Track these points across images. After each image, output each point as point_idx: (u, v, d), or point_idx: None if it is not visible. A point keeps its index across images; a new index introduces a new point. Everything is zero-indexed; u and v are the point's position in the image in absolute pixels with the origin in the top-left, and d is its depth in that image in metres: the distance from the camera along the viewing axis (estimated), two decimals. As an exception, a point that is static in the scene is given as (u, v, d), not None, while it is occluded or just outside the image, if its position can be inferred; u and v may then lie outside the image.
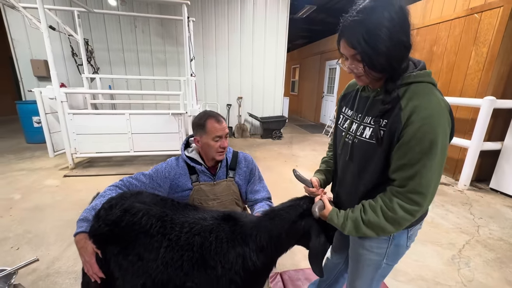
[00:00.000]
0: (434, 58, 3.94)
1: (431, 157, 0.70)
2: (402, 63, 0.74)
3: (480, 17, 3.29)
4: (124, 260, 0.88)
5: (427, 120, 0.69)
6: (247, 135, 6.53)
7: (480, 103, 3.10)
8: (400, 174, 0.75)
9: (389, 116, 0.75)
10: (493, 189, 3.35)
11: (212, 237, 0.90)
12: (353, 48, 0.71)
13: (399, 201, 0.76)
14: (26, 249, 1.98)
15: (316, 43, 8.84)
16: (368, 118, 0.84)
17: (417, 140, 0.70)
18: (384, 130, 0.76)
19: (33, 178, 3.39)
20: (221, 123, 1.26)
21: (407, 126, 0.70)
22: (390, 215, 0.77)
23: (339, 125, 0.99)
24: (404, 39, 0.70)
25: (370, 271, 0.97)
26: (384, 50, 0.69)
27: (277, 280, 1.73)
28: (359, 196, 0.89)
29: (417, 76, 0.74)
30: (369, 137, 0.82)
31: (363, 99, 0.89)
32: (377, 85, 0.82)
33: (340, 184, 0.99)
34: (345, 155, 0.92)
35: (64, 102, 3.43)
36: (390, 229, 0.79)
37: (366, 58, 0.71)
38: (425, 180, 0.72)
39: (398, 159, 0.75)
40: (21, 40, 5.12)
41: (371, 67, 0.73)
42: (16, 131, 6.00)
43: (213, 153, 1.27)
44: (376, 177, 0.83)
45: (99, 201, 1.02)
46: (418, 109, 0.70)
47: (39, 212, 2.55)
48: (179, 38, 5.69)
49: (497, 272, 1.88)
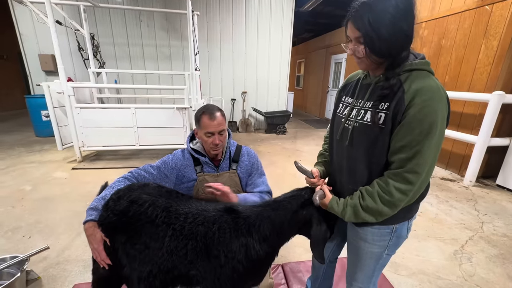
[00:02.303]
0: (442, 51, 3.86)
1: (430, 138, 0.73)
2: (401, 51, 0.77)
3: (491, 9, 3.20)
4: (131, 248, 0.92)
5: (428, 103, 0.72)
6: (251, 130, 6.54)
7: (488, 98, 3.03)
8: (399, 156, 0.78)
9: (391, 99, 0.78)
10: (499, 185, 3.30)
11: (215, 227, 0.93)
12: (358, 30, 0.75)
13: (395, 183, 0.79)
14: (37, 238, 2.07)
15: (322, 37, 8.70)
16: (369, 102, 0.85)
17: (418, 122, 0.73)
18: (386, 112, 0.79)
19: (43, 170, 3.49)
20: (214, 120, 1.22)
21: (409, 108, 0.74)
22: (387, 198, 0.80)
23: (338, 112, 1.00)
24: (406, 28, 0.73)
25: (371, 263, 0.98)
26: (386, 35, 0.72)
27: (279, 272, 1.77)
28: (363, 181, 0.89)
29: (418, 64, 0.79)
30: (369, 120, 0.83)
31: (365, 86, 0.91)
32: (378, 72, 0.86)
33: (341, 171, 0.98)
34: (345, 140, 0.92)
35: (72, 96, 3.49)
36: (387, 212, 0.82)
37: (368, 40, 0.75)
38: (423, 160, 0.75)
39: (398, 141, 0.77)
40: (29, 35, 5.20)
41: (371, 50, 0.76)
42: (25, 125, 6.14)
43: (207, 147, 1.30)
44: (378, 161, 0.84)
45: (109, 192, 1.06)
46: (420, 92, 0.73)
47: (49, 203, 2.64)
48: (183, 32, 5.69)
49: (499, 268, 1.88)
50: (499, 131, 3.34)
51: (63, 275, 1.70)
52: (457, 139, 3.52)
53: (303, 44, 10.70)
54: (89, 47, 4.65)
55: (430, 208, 2.73)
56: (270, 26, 6.10)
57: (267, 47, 6.22)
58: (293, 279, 1.70)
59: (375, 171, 0.86)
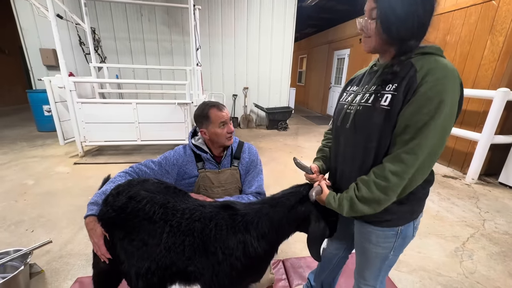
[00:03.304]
0: (447, 48, 3.80)
1: (437, 117, 0.69)
2: (411, 38, 0.76)
3: (498, 3, 3.13)
4: (129, 245, 0.92)
5: (440, 81, 0.69)
6: (252, 126, 6.53)
7: (493, 94, 3.00)
8: (401, 137, 0.74)
9: (401, 80, 0.75)
10: (502, 183, 3.28)
11: (212, 224, 0.93)
12: (375, 1, 0.75)
13: (391, 166, 0.75)
14: (40, 232, 2.08)
15: (324, 32, 8.61)
16: (375, 86, 0.83)
17: (428, 100, 0.69)
18: (394, 94, 0.75)
19: (45, 165, 3.51)
20: (222, 110, 1.29)
21: (421, 86, 0.70)
22: (383, 184, 0.76)
23: (341, 101, 0.98)
24: (421, 13, 0.73)
25: (377, 263, 0.97)
26: (400, 13, 0.72)
27: (279, 267, 1.77)
28: (366, 168, 0.85)
29: (431, 48, 0.77)
30: (373, 102, 0.81)
31: (372, 74, 0.89)
32: (384, 58, 0.85)
33: (344, 161, 0.94)
34: (346, 125, 0.89)
35: (73, 91, 3.48)
36: (384, 199, 0.78)
37: (381, 14, 0.74)
38: (425, 141, 0.70)
39: (403, 121, 0.73)
40: (30, 29, 5.17)
41: (382, 26, 0.75)
42: (27, 120, 6.16)
43: (222, 140, 1.29)
44: (381, 145, 0.80)
45: (109, 186, 1.06)
46: (433, 70, 0.70)
47: (52, 197, 2.66)
48: (185, 27, 5.64)
49: (500, 265, 1.88)
50: (503, 129, 3.31)
51: (66, 269, 1.72)
52: (460, 136, 3.49)
53: (305, 40, 10.59)
54: (90, 41, 4.63)
55: (431, 205, 2.72)
56: (272, 21, 6.04)
57: (269, 42, 6.16)
58: (294, 274, 1.71)
59: (379, 157, 0.82)
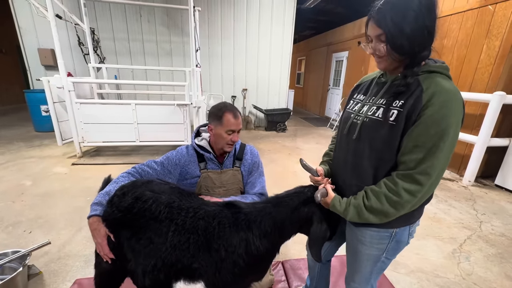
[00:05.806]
0: (444, 51, 3.85)
1: (445, 139, 0.72)
2: (423, 49, 0.77)
3: (494, 8, 3.19)
4: (136, 243, 0.94)
5: (446, 104, 0.71)
6: (251, 127, 6.54)
7: (489, 98, 3.04)
8: (411, 156, 0.76)
9: (407, 97, 0.77)
10: (498, 185, 3.32)
11: (215, 222, 0.95)
12: (380, 28, 0.76)
13: (404, 184, 0.77)
14: (38, 233, 2.07)
15: (323, 35, 8.66)
16: (383, 99, 0.85)
17: (435, 122, 0.72)
18: (400, 110, 0.78)
19: (42, 165, 3.48)
20: (237, 119, 1.28)
21: (427, 108, 0.73)
22: (395, 199, 0.78)
23: (348, 109, 0.99)
24: (428, 24, 0.73)
25: (368, 265, 0.98)
26: (409, 32, 0.72)
27: (279, 269, 1.78)
28: (366, 178, 0.87)
29: (438, 67, 0.79)
30: (381, 116, 0.82)
31: (379, 85, 0.91)
32: (396, 72, 0.85)
33: (345, 168, 0.96)
34: (352, 135, 0.91)
35: (72, 91, 3.47)
36: (393, 213, 0.81)
37: (390, 38, 0.75)
38: (436, 161, 0.74)
39: (411, 140, 0.76)
40: (28, 28, 5.14)
41: (393, 48, 0.76)
42: (25, 120, 6.11)
43: (223, 144, 1.30)
44: (384, 158, 0.83)
45: (113, 187, 1.06)
46: (439, 93, 0.72)
47: (49, 198, 2.64)
48: (184, 28, 5.65)
49: (497, 267, 1.90)
50: (499, 132, 3.36)
51: (64, 270, 1.71)
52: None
53: (304, 42, 10.65)
54: (89, 42, 4.62)
55: (429, 207, 2.74)
56: (271, 23, 6.07)
57: (268, 44, 6.19)
58: (293, 276, 1.72)
59: (380, 169, 0.84)
